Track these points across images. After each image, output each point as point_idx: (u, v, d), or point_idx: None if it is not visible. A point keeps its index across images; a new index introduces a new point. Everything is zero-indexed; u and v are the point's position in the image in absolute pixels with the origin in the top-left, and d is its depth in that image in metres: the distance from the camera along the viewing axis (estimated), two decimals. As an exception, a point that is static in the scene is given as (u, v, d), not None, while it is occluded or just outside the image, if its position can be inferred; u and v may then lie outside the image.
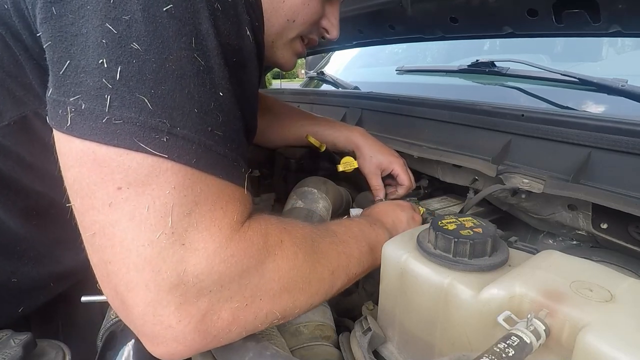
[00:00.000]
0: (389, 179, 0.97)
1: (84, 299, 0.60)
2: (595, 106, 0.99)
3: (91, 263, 0.41)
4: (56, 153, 0.41)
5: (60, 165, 0.40)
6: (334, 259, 0.54)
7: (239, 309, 0.42)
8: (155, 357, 0.42)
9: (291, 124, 1.01)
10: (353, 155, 0.97)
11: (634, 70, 1.06)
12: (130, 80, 0.36)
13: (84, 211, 0.39)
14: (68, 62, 0.37)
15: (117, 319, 0.55)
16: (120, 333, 0.54)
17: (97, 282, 0.42)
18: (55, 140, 0.40)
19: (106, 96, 0.36)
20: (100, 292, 0.42)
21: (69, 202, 0.41)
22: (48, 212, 0.60)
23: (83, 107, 0.36)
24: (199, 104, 0.40)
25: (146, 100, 0.37)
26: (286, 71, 0.78)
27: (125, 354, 0.52)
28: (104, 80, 0.36)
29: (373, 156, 0.94)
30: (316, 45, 0.79)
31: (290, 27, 0.63)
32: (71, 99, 0.37)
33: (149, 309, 0.38)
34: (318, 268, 0.51)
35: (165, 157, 0.37)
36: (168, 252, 0.38)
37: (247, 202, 0.46)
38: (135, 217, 0.37)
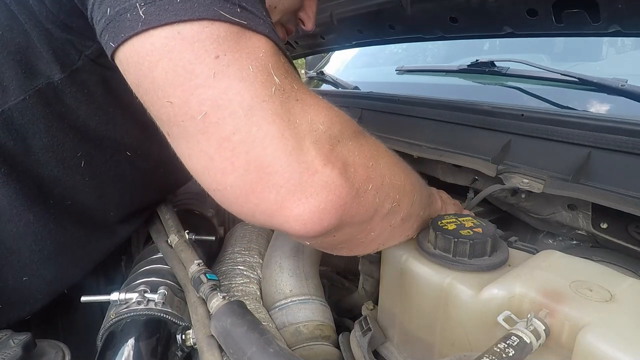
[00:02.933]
0: None
1: (84, 299, 0.60)
2: (595, 106, 0.99)
3: (204, 159, 0.39)
4: (79, 123, 0.44)
5: (140, 78, 0.39)
6: (415, 185, 0.55)
7: (368, 167, 0.44)
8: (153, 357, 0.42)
9: None
10: None
11: (634, 70, 1.05)
12: None
13: (186, 98, 0.37)
14: None
15: (117, 318, 0.55)
16: (120, 333, 0.54)
17: (96, 282, 0.42)
18: (127, 59, 0.39)
19: None
20: (99, 292, 0.42)
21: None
22: (61, 201, 0.60)
23: None
24: None
25: None
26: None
27: (125, 354, 0.52)
28: None
29: None
30: (317, 45, 0.80)
31: (271, 11, 0.64)
32: None
33: (292, 157, 0.38)
34: (409, 169, 0.55)
35: (244, 25, 0.38)
36: (289, 104, 0.39)
37: None
38: (244, 77, 0.37)
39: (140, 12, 0.36)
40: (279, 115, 0.38)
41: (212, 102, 0.37)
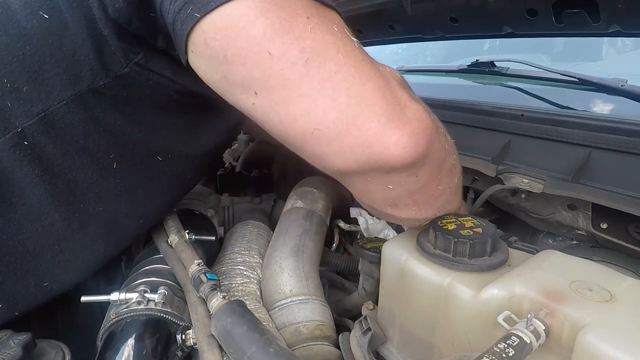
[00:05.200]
0: None
1: (84, 299, 0.60)
2: (595, 106, 0.99)
3: (306, 101, 0.44)
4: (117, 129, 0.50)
5: (232, 39, 0.43)
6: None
7: (434, 118, 0.50)
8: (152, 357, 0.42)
9: None
10: None
11: (633, 70, 1.06)
12: None
13: (288, 48, 0.43)
14: None
15: (117, 318, 0.55)
16: (120, 333, 0.54)
17: (96, 282, 0.42)
18: (214, 25, 0.44)
19: None
20: (99, 292, 0.42)
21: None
22: (92, 206, 0.60)
23: None
24: None
25: None
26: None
27: (125, 354, 0.52)
28: None
29: None
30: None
31: None
32: None
33: (387, 92, 0.45)
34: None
35: (320, 1, 0.45)
36: (369, 58, 0.47)
37: None
38: (333, 32, 0.44)
39: None
40: (368, 61, 0.46)
41: (312, 50, 0.43)
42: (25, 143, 0.53)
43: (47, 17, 0.52)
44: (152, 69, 0.56)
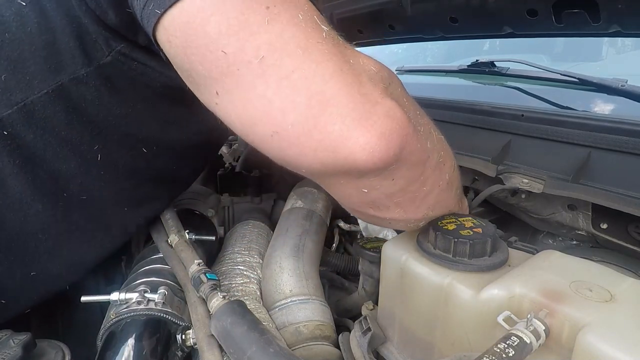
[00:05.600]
0: None
1: (84, 299, 0.60)
2: (595, 106, 0.99)
3: (262, 102, 0.40)
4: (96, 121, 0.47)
5: (189, 37, 0.41)
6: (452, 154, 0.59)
7: (416, 114, 0.48)
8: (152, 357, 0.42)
9: None
10: None
11: (634, 70, 1.06)
12: None
13: (242, 45, 0.39)
14: None
15: (117, 318, 0.55)
16: (120, 333, 0.54)
17: (96, 282, 0.42)
18: (173, 23, 0.41)
19: None
20: (99, 292, 0.42)
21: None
22: (76, 195, 0.60)
23: None
24: None
25: None
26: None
27: (125, 354, 0.52)
28: None
29: None
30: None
31: None
32: None
33: (354, 89, 0.40)
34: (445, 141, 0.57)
35: None
36: (339, 48, 0.42)
37: None
38: (296, 22, 0.40)
39: None
40: (335, 54, 0.40)
41: (268, 46, 0.39)
42: (5, 133, 0.52)
43: (24, 4, 0.52)
44: (137, 59, 0.54)
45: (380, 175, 0.44)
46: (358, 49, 0.46)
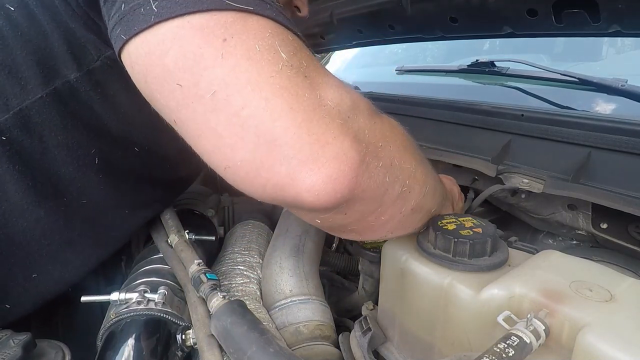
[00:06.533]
0: None
1: (84, 299, 0.60)
2: (595, 106, 0.98)
3: (213, 137, 0.40)
4: (93, 124, 0.47)
5: (149, 68, 0.41)
6: (429, 167, 0.56)
7: (377, 146, 0.44)
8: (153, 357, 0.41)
9: None
10: None
11: (634, 70, 1.05)
12: None
13: (196, 80, 0.39)
14: None
15: (117, 318, 0.55)
16: (120, 333, 0.54)
17: (96, 282, 0.42)
18: (136, 51, 0.41)
19: None
20: (99, 292, 0.42)
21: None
22: (76, 199, 0.60)
23: None
24: None
25: None
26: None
27: (125, 354, 0.52)
28: None
29: None
30: (317, 45, 0.81)
31: None
32: None
33: (303, 129, 0.38)
34: (422, 157, 0.54)
35: (251, 10, 0.40)
36: (296, 80, 0.39)
37: None
38: (251, 56, 0.39)
39: (153, 7, 0.39)
40: (287, 89, 0.39)
41: (220, 81, 0.38)
42: (3, 138, 0.52)
43: (12, 9, 0.52)
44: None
45: (331, 212, 0.44)
46: (357, 48, 0.45)
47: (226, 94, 0.38)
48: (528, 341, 0.38)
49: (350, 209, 0.44)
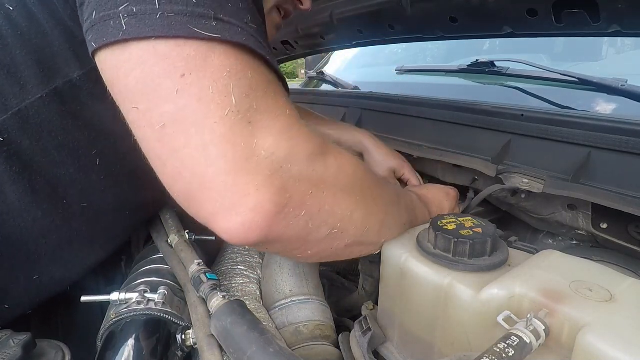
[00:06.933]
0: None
1: (84, 299, 0.60)
2: (595, 106, 0.99)
3: (158, 163, 0.44)
4: (94, 119, 0.48)
5: (114, 80, 0.43)
6: (386, 201, 0.58)
7: (306, 194, 0.46)
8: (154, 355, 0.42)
9: None
10: (360, 157, 0.97)
11: (634, 70, 1.06)
12: None
13: (151, 108, 0.41)
14: None
15: (117, 318, 0.55)
16: (120, 333, 0.54)
17: (96, 282, 0.42)
18: (105, 61, 0.43)
19: None
20: (99, 292, 0.42)
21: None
22: (77, 202, 0.60)
23: (135, 10, 0.39)
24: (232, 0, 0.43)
25: None
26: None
27: (125, 354, 0.52)
28: None
29: (384, 161, 0.93)
30: (317, 45, 0.81)
31: None
32: (121, 8, 0.39)
33: (230, 179, 0.41)
34: (373, 196, 0.55)
35: (218, 38, 0.41)
36: (238, 127, 0.41)
37: (292, 104, 0.48)
38: (202, 98, 0.40)
39: (123, 23, 0.39)
40: (226, 137, 0.41)
41: (170, 116, 0.40)
42: (1, 139, 0.52)
43: (11, 8, 0.52)
44: None
45: (255, 246, 0.47)
46: (357, 49, 0.45)
47: (173, 130, 0.41)
48: (528, 341, 0.38)
49: (270, 247, 0.49)
